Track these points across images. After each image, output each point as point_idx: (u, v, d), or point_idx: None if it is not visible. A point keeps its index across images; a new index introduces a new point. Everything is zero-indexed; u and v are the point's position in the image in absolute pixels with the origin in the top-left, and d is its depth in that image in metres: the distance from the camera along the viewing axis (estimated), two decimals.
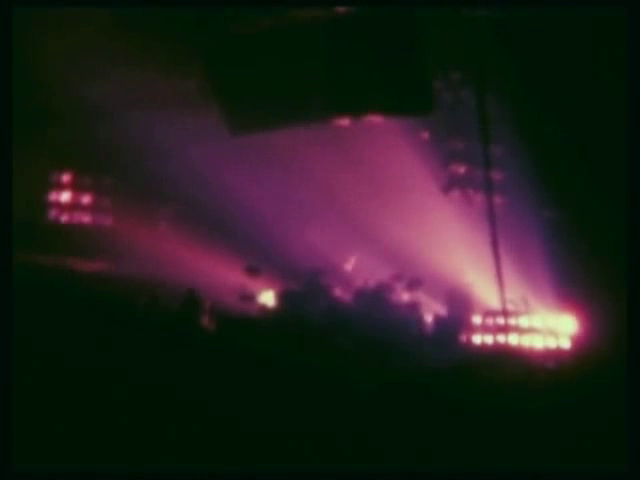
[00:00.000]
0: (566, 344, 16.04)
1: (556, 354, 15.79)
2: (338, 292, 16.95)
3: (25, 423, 10.28)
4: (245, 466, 10.61)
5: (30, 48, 12.44)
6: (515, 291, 16.23)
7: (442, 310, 16.87)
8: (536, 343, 16.12)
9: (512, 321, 16.22)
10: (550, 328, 16.22)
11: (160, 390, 11.89)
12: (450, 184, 18.45)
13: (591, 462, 10.60)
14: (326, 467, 10.66)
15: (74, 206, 19.31)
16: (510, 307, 16.09)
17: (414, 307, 16.61)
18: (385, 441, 11.26)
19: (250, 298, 16.61)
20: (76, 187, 19.32)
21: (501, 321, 16.18)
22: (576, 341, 15.95)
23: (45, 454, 10.33)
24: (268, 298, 16.86)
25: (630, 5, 11.76)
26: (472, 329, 16.42)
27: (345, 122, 17.14)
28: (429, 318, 16.51)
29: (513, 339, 16.19)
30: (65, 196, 19.31)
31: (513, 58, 15.79)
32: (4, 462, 9.40)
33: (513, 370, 14.33)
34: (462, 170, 18.48)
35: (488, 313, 16.48)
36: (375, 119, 16.97)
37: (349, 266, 17.96)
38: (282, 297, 16.72)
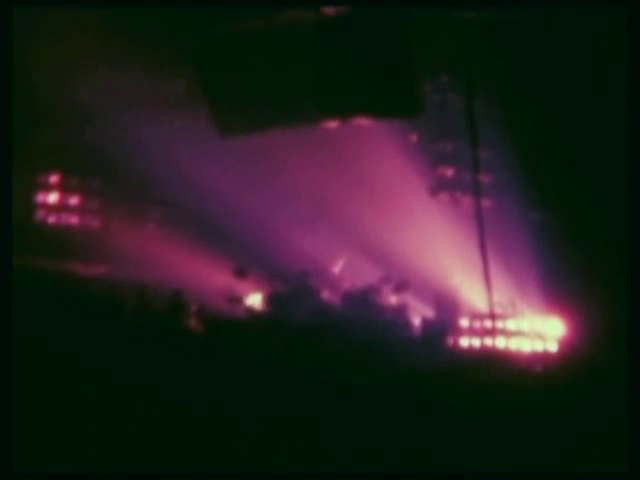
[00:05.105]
0: (553, 347, 16.04)
1: (543, 357, 15.81)
2: (326, 294, 16.94)
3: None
4: (232, 467, 10.63)
5: (17, 50, 12.39)
6: (503, 294, 16.25)
7: (430, 313, 16.87)
8: (523, 346, 16.12)
9: (499, 324, 16.23)
10: (537, 331, 16.22)
11: (149, 392, 11.90)
12: (438, 186, 18.44)
13: (578, 463, 10.64)
14: (314, 468, 10.67)
15: (62, 207, 19.29)
16: (497, 310, 16.11)
17: (402, 310, 16.61)
18: (372, 443, 11.27)
19: (238, 300, 16.58)
20: (64, 188, 19.31)
21: (488, 324, 16.19)
22: (563, 344, 15.96)
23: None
24: (256, 300, 16.85)
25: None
26: (459, 332, 16.40)
27: (333, 124, 17.13)
28: (417, 321, 16.51)
29: (500, 342, 16.20)
30: (53, 197, 19.29)
31: (501, 60, 15.80)
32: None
33: (500, 373, 14.35)
34: (450, 172, 18.48)
35: (475, 316, 16.48)
36: (363, 121, 16.97)
37: (337, 268, 17.95)
38: (270, 299, 16.71)
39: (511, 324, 16.31)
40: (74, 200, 19.40)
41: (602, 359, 13.47)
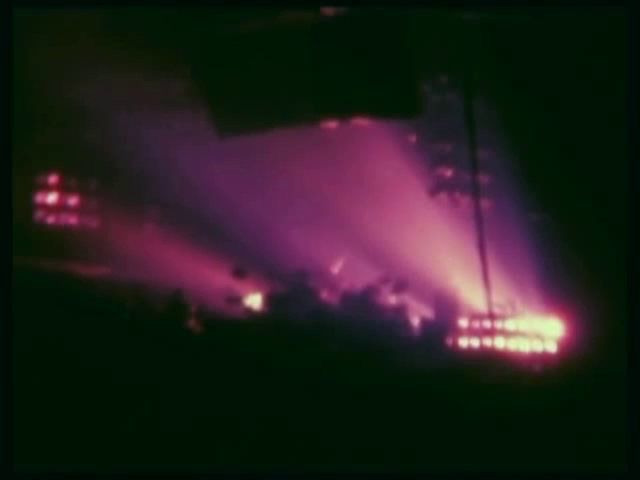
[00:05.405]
0: (552, 347, 16.05)
1: (542, 357, 15.81)
2: (325, 295, 16.93)
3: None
4: (232, 467, 10.64)
5: (16, 50, 12.43)
6: (502, 294, 16.24)
7: (429, 313, 16.85)
8: (522, 346, 16.12)
9: (499, 324, 16.22)
10: (536, 331, 16.23)
11: (149, 392, 11.90)
12: (437, 187, 18.44)
13: (578, 463, 10.65)
14: (313, 468, 10.68)
15: (61, 208, 19.28)
16: (497, 310, 16.10)
17: (401, 310, 16.60)
18: (372, 443, 11.28)
19: (237, 301, 16.56)
20: (63, 189, 19.30)
21: (488, 324, 16.18)
22: (562, 344, 15.97)
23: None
24: (255, 301, 16.83)
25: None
26: (459, 332, 16.39)
27: (332, 125, 17.13)
28: (416, 321, 16.50)
29: (500, 342, 16.20)
30: (52, 198, 19.28)
31: (501, 61, 15.80)
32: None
33: (499, 373, 14.34)
34: (449, 173, 18.47)
35: (475, 316, 16.46)
36: (362, 122, 16.96)
37: (336, 269, 17.94)
38: (269, 300, 16.69)
39: (510, 324, 16.30)
40: (73, 200, 19.40)
41: (601, 359, 13.48)
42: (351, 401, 12.13)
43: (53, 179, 19.29)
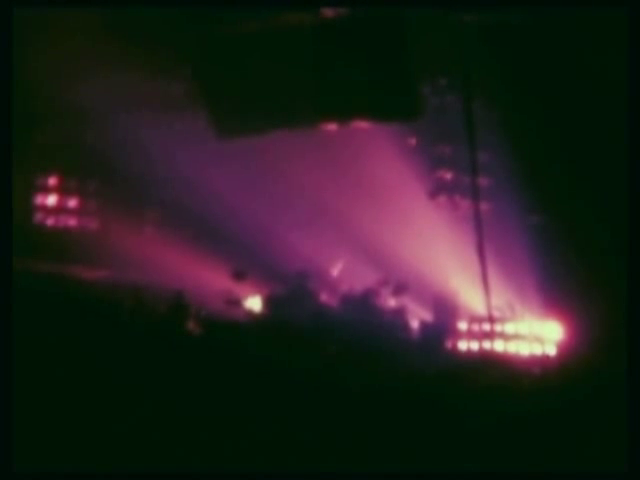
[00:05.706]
0: (551, 350, 16.06)
1: (542, 360, 15.81)
2: (324, 297, 16.94)
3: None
4: (231, 468, 10.63)
5: (17, 50, 12.44)
6: (501, 297, 16.24)
7: (428, 316, 16.85)
8: (522, 349, 16.13)
9: (498, 327, 16.23)
10: (536, 334, 16.23)
11: (148, 394, 11.89)
12: (437, 190, 18.45)
13: (578, 464, 10.63)
14: (312, 469, 10.67)
15: (60, 209, 19.28)
16: (496, 313, 16.10)
17: (400, 312, 16.60)
18: (370, 444, 11.26)
19: (236, 303, 16.56)
20: (62, 190, 19.30)
21: (487, 327, 16.19)
22: (561, 347, 15.97)
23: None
24: (254, 303, 16.83)
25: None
26: (458, 335, 16.41)
27: (332, 127, 17.14)
28: (415, 323, 16.50)
29: (499, 345, 16.20)
30: (51, 199, 19.28)
31: (500, 63, 15.82)
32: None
33: (498, 376, 14.33)
34: (449, 176, 18.49)
35: (474, 319, 16.48)
36: (362, 124, 16.97)
37: (335, 271, 17.94)
38: (268, 302, 16.70)
39: (509, 327, 16.31)
40: (72, 202, 19.39)
41: (600, 362, 13.47)
42: (350, 403, 12.11)
43: (53, 181, 19.30)
